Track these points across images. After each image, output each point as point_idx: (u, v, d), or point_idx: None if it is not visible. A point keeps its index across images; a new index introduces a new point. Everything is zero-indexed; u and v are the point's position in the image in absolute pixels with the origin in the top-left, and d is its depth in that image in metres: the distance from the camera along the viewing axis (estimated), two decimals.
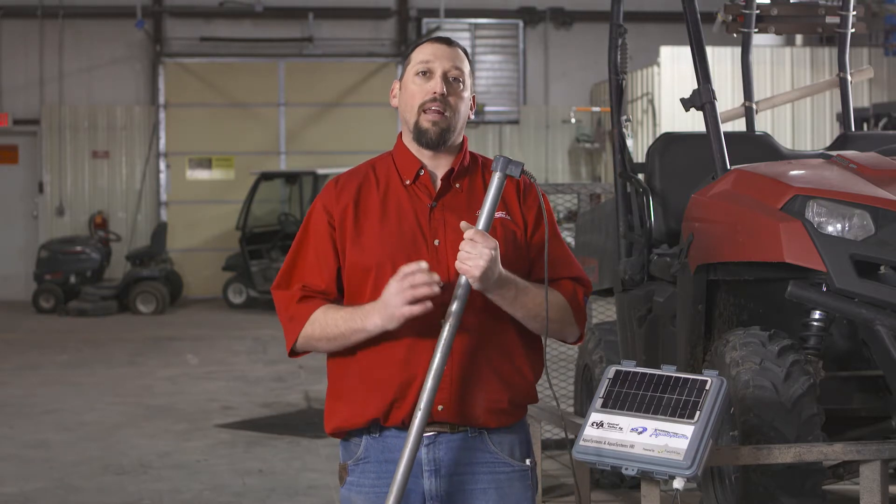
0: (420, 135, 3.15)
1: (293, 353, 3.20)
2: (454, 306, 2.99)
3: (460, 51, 3.20)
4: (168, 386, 11.09)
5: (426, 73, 3.15)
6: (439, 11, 18.99)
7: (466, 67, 3.19)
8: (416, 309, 2.96)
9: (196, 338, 14.53)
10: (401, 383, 3.07)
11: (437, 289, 2.97)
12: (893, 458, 4.15)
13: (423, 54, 3.17)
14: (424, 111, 3.14)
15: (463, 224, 3.02)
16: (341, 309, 3.10)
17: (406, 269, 2.97)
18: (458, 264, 2.98)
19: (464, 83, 3.18)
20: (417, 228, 3.12)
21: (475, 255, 2.96)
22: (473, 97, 3.25)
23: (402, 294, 2.95)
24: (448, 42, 3.20)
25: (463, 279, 2.99)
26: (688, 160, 5.78)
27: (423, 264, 2.97)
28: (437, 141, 3.15)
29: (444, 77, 3.14)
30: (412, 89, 3.17)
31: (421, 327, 3.04)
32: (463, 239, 3.01)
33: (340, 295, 3.17)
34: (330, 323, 3.09)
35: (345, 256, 3.14)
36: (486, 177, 3.22)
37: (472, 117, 3.27)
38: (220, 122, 19.27)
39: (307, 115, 19.56)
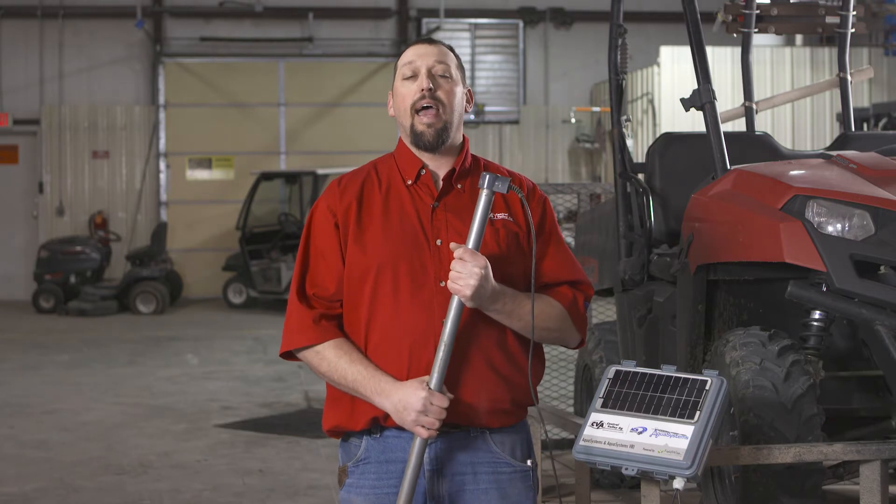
0: (417, 138, 3.16)
1: (286, 356, 3.21)
2: (447, 326, 3.00)
3: (444, 47, 3.22)
4: (168, 386, 11.09)
5: (412, 75, 3.17)
6: (439, 11, 19.00)
7: (453, 62, 3.20)
8: (425, 434, 3.00)
9: (196, 338, 14.53)
10: None
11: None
12: (893, 458, 4.15)
13: (407, 57, 3.20)
14: (417, 113, 3.15)
15: (452, 245, 3.02)
16: (354, 363, 3.08)
17: (439, 402, 2.99)
18: (449, 284, 2.99)
19: (451, 77, 3.18)
20: (419, 228, 3.12)
21: (465, 274, 2.97)
22: (469, 91, 3.25)
23: (423, 418, 2.99)
24: (430, 41, 3.22)
25: (455, 298, 3.00)
26: (688, 160, 5.78)
27: (451, 397, 3.01)
28: (434, 142, 3.15)
29: (429, 73, 3.15)
30: (402, 92, 3.18)
31: (423, 330, 3.05)
32: (462, 242, 3.02)
33: None
34: (338, 371, 3.09)
35: (346, 255, 3.14)
36: None
37: (470, 111, 3.26)
38: (220, 122, 19.27)
39: (307, 115, 19.56)
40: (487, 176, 3.05)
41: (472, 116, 19.36)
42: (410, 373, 3.06)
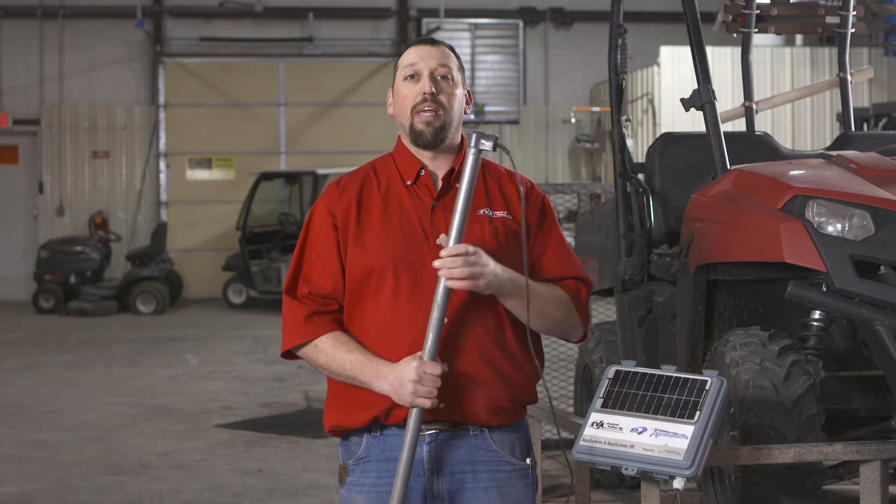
0: (416, 137, 3.17)
1: (287, 355, 3.22)
2: (437, 301, 3.00)
3: (446, 48, 3.22)
4: (168, 386, 11.09)
5: (414, 76, 3.17)
6: (439, 11, 19.00)
7: (454, 64, 3.21)
8: (428, 403, 2.99)
9: (196, 338, 14.53)
10: None
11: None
12: (893, 458, 4.15)
13: (409, 58, 3.20)
14: (417, 113, 3.15)
15: (442, 237, 3.04)
16: (351, 351, 3.10)
17: (432, 369, 2.98)
18: (450, 283, 2.99)
19: (452, 79, 3.19)
20: (419, 228, 3.13)
21: (475, 271, 2.99)
22: (468, 92, 3.26)
23: (422, 388, 2.97)
24: (432, 42, 3.22)
25: (441, 285, 3.00)
26: (688, 160, 5.78)
27: (445, 367, 3.00)
28: (433, 140, 3.16)
29: (432, 76, 3.16)
30: (403, 93, 3.19)
31: (423, 328, 3.04)
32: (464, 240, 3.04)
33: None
34: (336, 361, 3.10)
35: (346, 255, 3.15)
36: (486, 177, 3.23)
37: (469, 112, 3.27)
38: (220, 122, 19.27)
39: (307, 115, 19.56)
40: (474, 134, 3.04)
41: (471, 116, 19.34)
42: None
